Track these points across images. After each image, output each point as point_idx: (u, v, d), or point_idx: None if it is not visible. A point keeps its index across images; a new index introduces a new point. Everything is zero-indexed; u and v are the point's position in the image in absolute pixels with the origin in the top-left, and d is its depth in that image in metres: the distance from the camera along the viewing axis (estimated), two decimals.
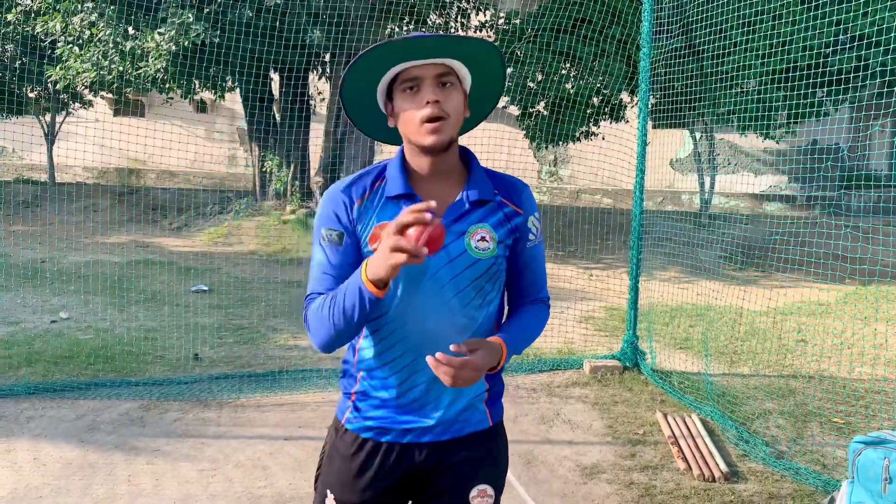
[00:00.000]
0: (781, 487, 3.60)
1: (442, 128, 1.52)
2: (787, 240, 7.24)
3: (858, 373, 5.55)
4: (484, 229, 1.59)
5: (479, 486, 1.65)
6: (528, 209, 1.67)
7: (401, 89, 1.55)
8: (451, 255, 1.57)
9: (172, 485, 3.56)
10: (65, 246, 10.99)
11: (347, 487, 1.64)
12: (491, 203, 1.62)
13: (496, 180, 1.67)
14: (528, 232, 1.67)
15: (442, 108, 1.52)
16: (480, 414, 1.68)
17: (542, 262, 1.74)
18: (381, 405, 1.65)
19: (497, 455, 1.71)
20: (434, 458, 1.65)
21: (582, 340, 6.31)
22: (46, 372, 5.17)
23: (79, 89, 13.91)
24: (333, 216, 1.59)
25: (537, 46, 11.10)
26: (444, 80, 1.54)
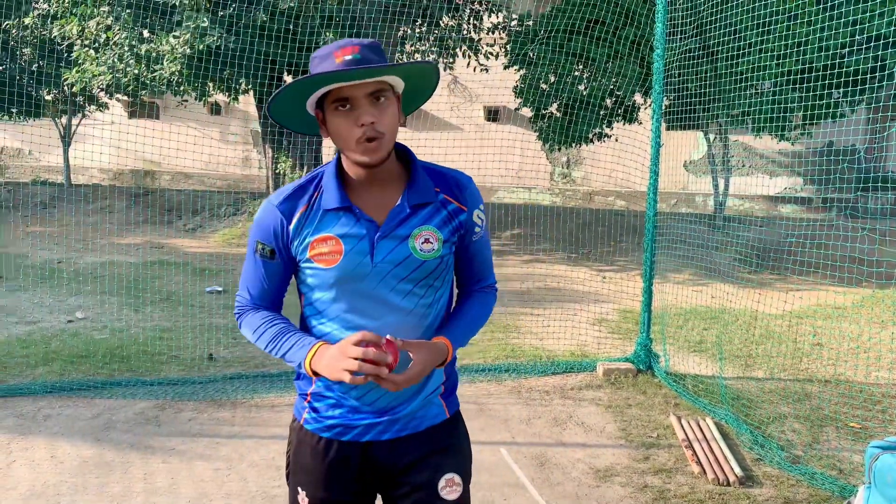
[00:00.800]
0: (797, 492, 3.57)
1: (378, 147, 1.53)
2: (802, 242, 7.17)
3: (875, 377, 5.49)
4: (428, 231, 1.61)
5: (446, 476, 1.67)
6: (472, 204, 1.68)
7: (333, 107, 1.53)
8: (396, 259, 1.59)
9: (188, 483, 3.58)
10: (81, 247, 11.10)
11: (316, 485, 1.68)
12: (433, 203, 1.63)
13: (437, 178, 1.67)
14: (473, 226, 1.68)
15: (376, 128, 1.51)
16: (437, 408, 1.71)
17: (488, 250, 1.78)
18: (337, 405, 1.67)
19: (459, 444, 1.75)
20: (396, 454, 1.67)
21: (595, 343, 6.28)
22: (63, 371, 5.22)
23: (94, 92, 14.03)
24: (269, 231, 1.62)
25: (550, 48, 11.09)
26: (377, 97, 1.53)
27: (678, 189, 17.97)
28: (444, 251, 1.62)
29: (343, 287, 1.59)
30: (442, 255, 1.62)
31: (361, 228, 1.58)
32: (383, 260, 1.58)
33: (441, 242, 1.61)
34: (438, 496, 1.65)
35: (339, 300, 1.61)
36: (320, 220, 1.60)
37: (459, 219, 1.65)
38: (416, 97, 1.69)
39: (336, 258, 1.58)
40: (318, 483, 1.68)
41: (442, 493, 1.66)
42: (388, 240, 1.59)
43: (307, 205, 1.61)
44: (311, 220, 1.60)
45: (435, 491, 1.65)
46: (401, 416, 1.67)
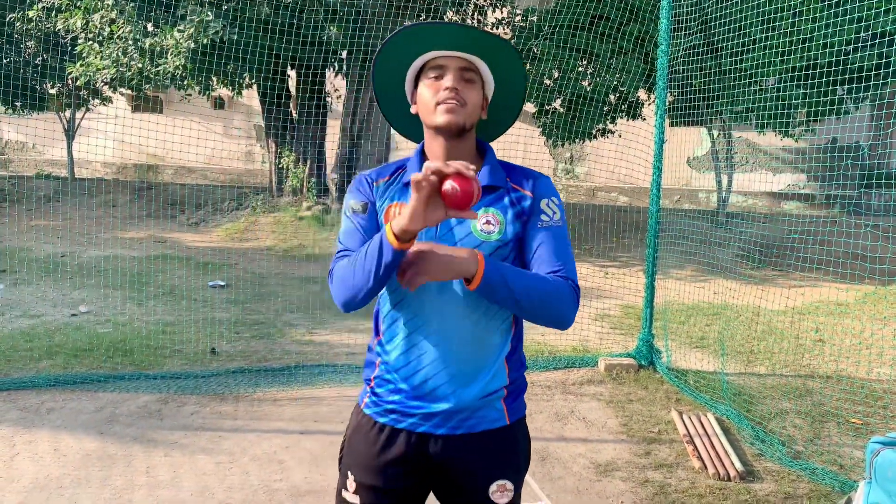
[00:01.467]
0: (798, 487, 3.58)
1: (456, 109, 1.60)
2: (805, 239, 7.16)
3: (877, 373, 5.49)
4: (490, 213, 1.63)
5: (498, 481, 1.67)
6: (540, 193, 1.68)
7: (426, 77, 1.65)
8: (457, 237, 1.62)
9: (190, 477, 3.60)
10: (84, 240, 11.13)
11: (367, 469, 1.68)
12: (501, 189, 1.67)
13: (511, 170, 1.73)
14: (539, 212, 1.67)
15: (459, 94, 1.61)
16: (497, 412, 1.68)
17: (562, 242, 1.67)
18: (396, 391, 1.68)
19: (517, 450, 1.71)
20: (449, 450, 1.66)
21: (597, 338, 6.29)
22: (66, 364, 5.24)
23: (98, 86, 14.05)
24: (358, 192, 1.73)
25: (554, 43, 11.07)
26: (466, 76, 1.64)
27: (681, 185, 17.94)
28: (505, 235, 1.62)
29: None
30: (502, 239, 1.62)
31: None
32: (445, 234, 1.62)
33: (503, 226, 1.63)
34: (489, 499, 1.66)
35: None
36: (398, 191, 1.69)
37: (523, 205, 1.66)
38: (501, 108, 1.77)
39: None
40: (368, 468, 1.68)
41: (493, 496, 1.66)
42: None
43: (391, 176, 1.74)
44: (392, 189, 1.71)
45: (486, 495, 1.66)
46: (456, 409, 1.63)
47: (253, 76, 11.70)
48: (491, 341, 1.65)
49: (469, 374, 1.63)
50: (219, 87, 12.23)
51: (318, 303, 7.53)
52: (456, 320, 1.61)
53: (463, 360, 1.63)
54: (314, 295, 8.04)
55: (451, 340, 1.62)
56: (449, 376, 1.63)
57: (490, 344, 1.65)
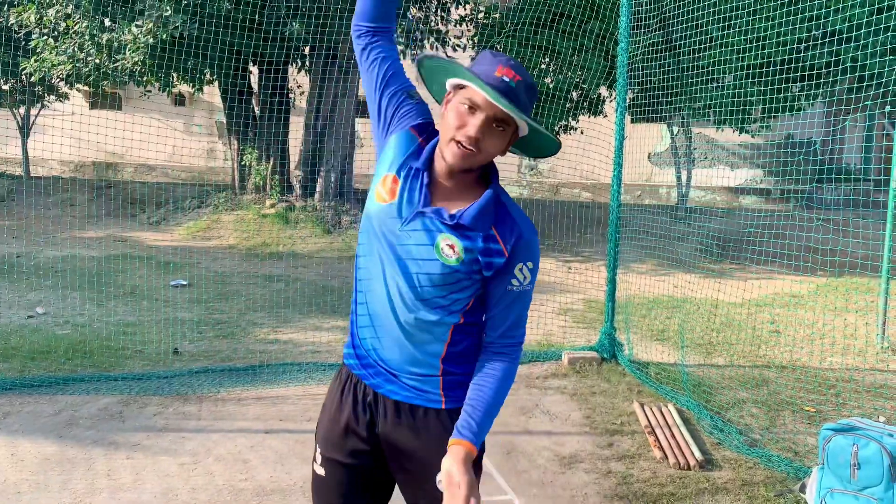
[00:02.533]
0: (754, 474, 3.69)
1: (466, 156, 1.60)
2: (761, 232, 7.36)
3: (829, 362, 5.68)
4: (454, 241, 1.64)
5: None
6: (518, 256, 1.68)
7: (461, 98, 1.61)
8: (419, 241, 1.65)
9: (153, 479, 3.56)
10: (41, 240, 10.86)
11: (329, 442, 1.78)
12: (479, 233, 1.65)
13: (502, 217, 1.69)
14: (511, 276, 1.68)
15: (479, 144, 1.59)
16: (434, 395, 1.74)
17: (524, 307, 1.74)
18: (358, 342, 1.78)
19: None
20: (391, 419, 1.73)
21: (561, 332, 6.37)
22: (23, 367, 5.12)
23: (54, 82, 13.70)
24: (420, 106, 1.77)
25: (517, 41, 11.14)
26: (497, 125, 1.60)
27: (642, 181, 18.22)
28: (458, 267, 1.64)
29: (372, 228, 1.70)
30: (454, 269, 1.64)
31: (418, 196, 1.67)
32: (410, 230, 1.65)
33: (459, 260, 1.63)
34: (435, 487, 1.70)
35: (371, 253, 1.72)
36: (406, 161, 1.71)
37: (493, 259, 1.66)
38: (529, 148, 1.77)
39: (386, 199, 1.68)
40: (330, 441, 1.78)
41: (439, 486, 1.69)
42: (426, 218, 1.65)
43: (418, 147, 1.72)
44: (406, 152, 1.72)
45: (432, 481, 1.70)
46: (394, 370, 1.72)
47: (214, 72, 11.52)
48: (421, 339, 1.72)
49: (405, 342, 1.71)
50: (179, 83, 12.01)
51: (283, 301, 7.48)
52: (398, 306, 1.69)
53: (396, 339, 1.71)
54: (278, 293, 7.98)
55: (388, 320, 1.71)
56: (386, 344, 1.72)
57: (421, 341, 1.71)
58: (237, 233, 11.81)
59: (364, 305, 1.74)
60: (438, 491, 1.70)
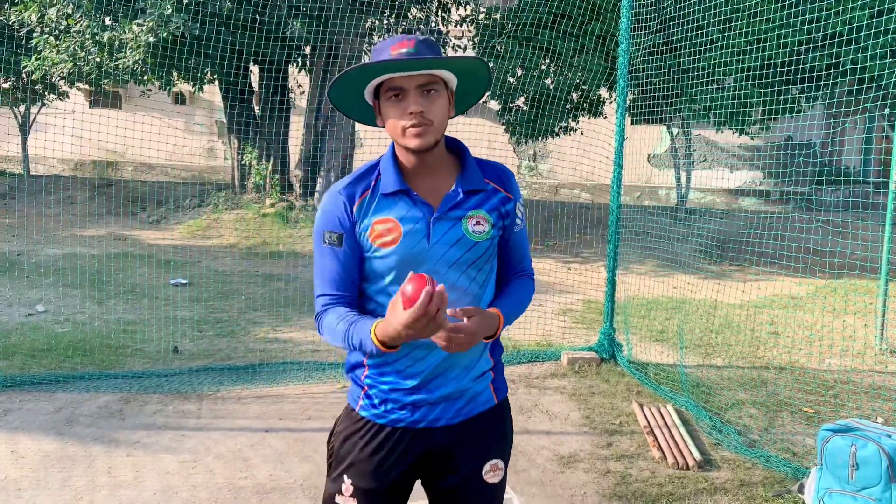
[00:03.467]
0: (753, 475, 3.70)
1: (425, 132, 1.62)
2: (761, 234, 7.37)
3: (828, 364, 5.69)
4: (479, 214, 1.70)
5: (490, 461, 1.76)
6: (517, 195, 1.80)
7: (386, 96, 1.64)
8: (451, 240, 1.67)
9: (153, 476, 3.57)
10: (42, 239, 10.86)
11: (366, 473, 1.71)
12: (484, 192, 1.74)
13: (486, 168, 1.78)
14: (515, 217, 1.79)
15: (425, 116, 1.61)
16: (487, 393, 1.78)
17: (526, 241, 1.88)
18: (391, 390, 1.72)
19: (505, 430, 1.82)
20: (450, 439, 1.73)
21: (560, 333, 6.38)
22: (24, 365, 5.13)
23: (55, 80, 13.70)
24: (334, 218, 1.69)
25: (517, 42, 11.15)
26: (428, 88, 1.62)
27: (642, 182, 18.23)
28: (493, 233, 1.72)
29: (402, 270, 1.63)
30: (492, 237, 1.72)
31: (418, 211, 1.67)
32: (439, 241, 1.66)
33: (491, 225, 1.71)
34: (482, 480, 1.74)
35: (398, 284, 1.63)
36: (378, 204, 1.68)
37: (507, 207, 1.75)
38: (469, 95, 1.77)
39: (396, 239, 1.66)
40: (366, 472, 1.70)
41: (486, 476, 1.74)
42: (444, 221, 1.67)
43: (368, 189, 1.69)
44: (371, 203, 1.68)
45: (479, 475, 1.73)
46: (450, 398, 1.71)
47: (214, 72, 11.53)
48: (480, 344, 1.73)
49: (464, 364, 1.72)
50: (180, 82, 12.01)
51: (282, 300, 7.48)
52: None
53: (459, 353, 1.68)
54: (278, 292, 7.99)
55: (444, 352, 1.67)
56: (445, 367, 1.70)
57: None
58: (237, 232, 11.81)
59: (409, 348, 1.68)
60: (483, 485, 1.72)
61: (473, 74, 1.70)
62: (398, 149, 1.71)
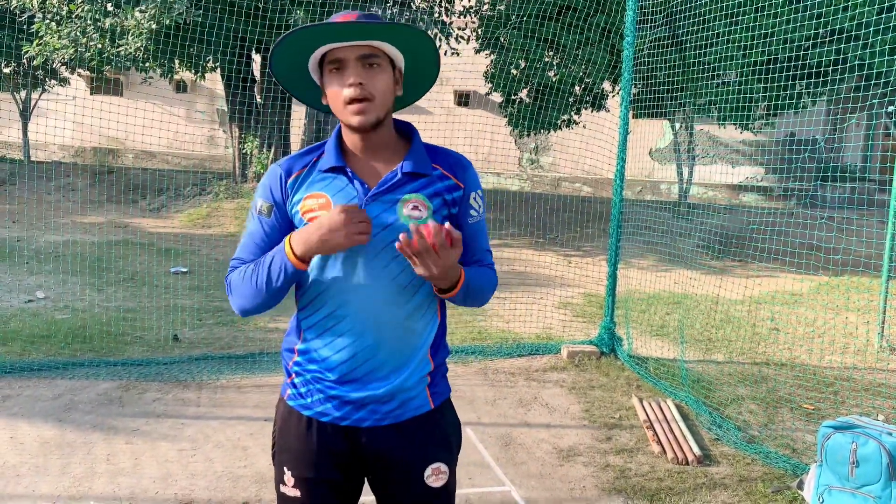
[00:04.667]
0: (752, 470, 3.69)
1: (366, 109, 1.54)
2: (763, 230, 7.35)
3: (829, 361, 5.68)
4: (417, 199, 1.60)
5: (432, 465, 1.67)
6: (470, 185, 1.67)
7: (328, 69, 1.58)
8: (383, 223, 1.58)
9: (152, 464, 3.56)
10: (41, 225, 10.85)
11: (300, 464, 1.65)
12: (428, 177, 1.63)
13: (438, 155, 1.67)
14: (469, 208, 1.68)
15: (365, 89, 1.53)
16: (421, 399, 1.67)
17: (484, 238, 1.74)
18: (317, 380, 1.65)
19: (445, 433, 1.71)
20: (378, 442, 1.65)
21: (560, 326, 6.38)
22: (23, 351, 5.12)
23: (56, 66, 13.64)
24: (268, 189, 1.65)
25: (521, 33, 11.10)
26: (369, 62, 1.55)
27: (644, 176, 18.20)
28: (434, 220, 1.60)
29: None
30: None
31: (352, 190, 1.60)
32: (372, 220, 1.57)
33: (430, 212, 1.59)
34: (425, 484, 1.66)
35: (327, 264, 1.59)
36: (313, 180, 1.63)
37: (454, 195, 1.64)
38: (419, 76, 1.68)
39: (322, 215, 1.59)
40: (301, 462, 1.65)
41: (428, 481, 1.67)
42: (377, 203, 1.59)
43: (306, 165, 1.65)
44: (306, 179, 1.63)
45: (421, 478, 1.66)
46: (383, 400, 1.63)
47: (217, 59, 11.48)
48: (418, 330, 1.63)
49: (397, 361, 1.62)
50: (181, 69, 11.96)
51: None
52: (386, 309, 1.59)
53: (392, 347, 1.61)
54: None
55: (380, 328, 1.59)
56: (376, 364, 1.61)
57: (417, 332, 1.64)
58: (238, 220, 11.80)
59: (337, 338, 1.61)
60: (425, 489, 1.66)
61: (417, 50, 1.60)
62: (343, 129, 1.64)
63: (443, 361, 1.72)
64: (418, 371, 1.64)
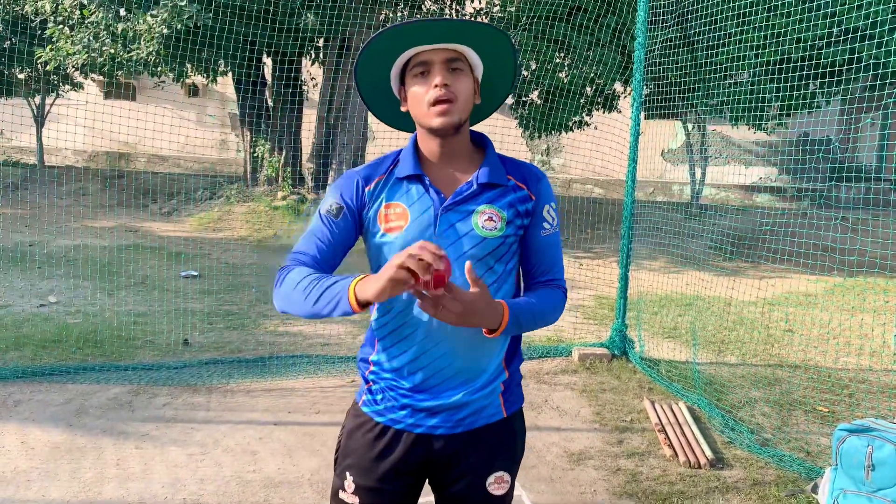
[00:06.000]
0: (765, 474, 3.64)
1: (450, 110, 1.56)
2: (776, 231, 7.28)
3: (844, 363, 5.61)
4: (492, 209, 1.61)
5: (496, 474, 1.68)
6: (544, 198, 1.67)
7: (412, 73, 1.60)
8: (458, 233, 1.59)
9: (161, 469, 3.56)
10: (54, 229, 10.92)
11: (365, 471, 1.66)
12: (503, 187, 1.64)
13: (512, 166, 1.69)
14: (542, 220, 1.67)
15: (450, 90, 1.56)
16: (494, 407, 1.68)
17: (558, 250, 1.72)
18: (392, 388, 1.66)
19: (513, 443, 1.72)
20: (449, 449, 1.66)
21: (571, 328, 6.33)
22: (34, 356, 5.15)
23: (69, 71, 13.77)
24: (343, 192, 1.65)
25: (532, 34, 11.07)
26: (453, 66, 1.58)
27: (655, 178, 18.10)
28: (507, 231, 1.61)
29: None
30: (504, 236, 1.61)
31: (428, 199, 1.61)
32: (445, 232, 1.59)
33: (504, 223, 1.61)
34: (486, 492, 1.66)
35: None
36: (391, 187, 1.64)
37: (527, 206, 1.65)
38: (495, 84, 1.70)
39: (402, 225, 1.60)
40: (366, 469, 1.66)
41: (490, 488, 1.67)
42: (453, 213, 1.60)
43: (384, 173, 1.66)
44: (385, 186, 1.65)
45: (483, 486, 1.66)
46: (454, 406, 1.63)
47: (228, 63, 11.53)
48: (491, 340, 1.63)
49: (471, 370, 1.63)
50: (193, 74, 12.03)
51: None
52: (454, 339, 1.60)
53: (466, 357, 1.62)
54: None
55: (454, 339, 1.60)
56: (451, 374, 1.62)
57: (490, 342, 1.64)
58: (248, 224, 11.83)
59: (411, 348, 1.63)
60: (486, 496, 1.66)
61: (497, 55, 1.64)
62: (420, 136, 1.66)
63: (517, 369, 1.73)
64: (492, 380, 1.66)
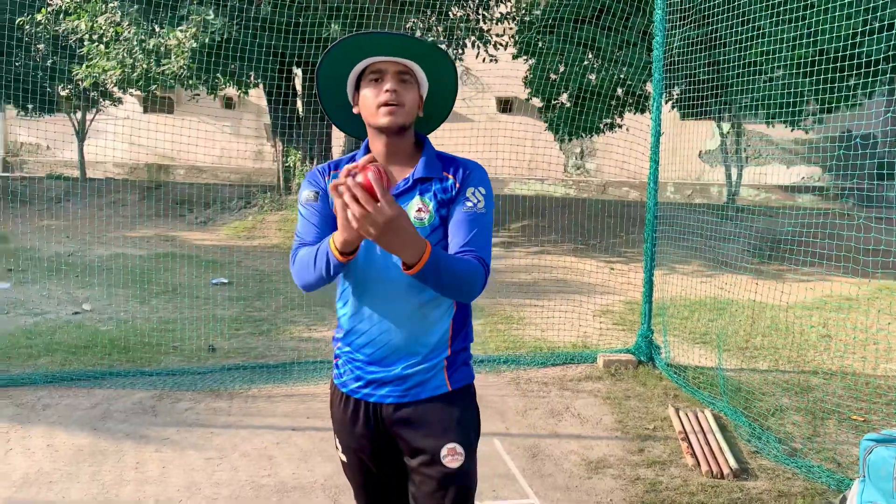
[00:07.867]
0: (792, 485, 3.51)
1: (396, 111, 1.78)
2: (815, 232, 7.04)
3: (884, 370, 5.38)
4: (421, 202, 1.80)
5: (448, 445, 1.81)
6: (471, 181, 1.82)
7: (367, 79, 1.82)
8: None
9: (178, 472, 3.60)
10: (92, 240, 11.22)
11: (343, 434, 1.91)
12: (434, 179, 1.83)
13: (449, 162, 1.88)
14: (464, 199, 1.80)
15: (398, 96, 1.78)
16: (439, 380, 1.85)
17: (482, 229, 1.79)
18: (350, 360, 1.88)
19: (462, 416, 1.85)
20: (399, 418, 1.84)
21: (597, 334, 6.23)
22: (64, 361, 5.27)
23: (108, 87, 14.17)
24: (311, 183, 1.88)
25: (557, 37, 10.98)
26: (403, 77, 1.80)
27: (693, 179, 17.77)
28: (435, 221, 1.79)
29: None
30: (433, 225, 1.78)
31: None
32: None
33: (433, 213, 1.79)
34: (441, 463, 1.80)
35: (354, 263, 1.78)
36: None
37: (451, 193, 1.82)
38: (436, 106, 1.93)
39: None
40: (344, 432, 1.90)
41: (444, 461, 1.80)
42: None
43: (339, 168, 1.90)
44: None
45: (437, 458, 1.80)
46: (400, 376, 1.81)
47: (258, 75, 11.71)
48: (432, 318, 1.82)
49: (412, 346, 1.81)
50: (226, 86, 12.25)
51: (319, 299, 7.52)
52: (401, 295, 1.78)
53: (408, 332, 1.80)
54: (316, 291, 8.02)
55: (395, 313, 1.79)
56: (393, 347, 1.81)
57: (432, 321, 1.82)
58: (281, 232, 11.98)
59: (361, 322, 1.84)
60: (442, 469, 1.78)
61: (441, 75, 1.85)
62: (370, 137, 1.87)
63: (462, 349, 1.89)
64: (434, 355, 1.83)
